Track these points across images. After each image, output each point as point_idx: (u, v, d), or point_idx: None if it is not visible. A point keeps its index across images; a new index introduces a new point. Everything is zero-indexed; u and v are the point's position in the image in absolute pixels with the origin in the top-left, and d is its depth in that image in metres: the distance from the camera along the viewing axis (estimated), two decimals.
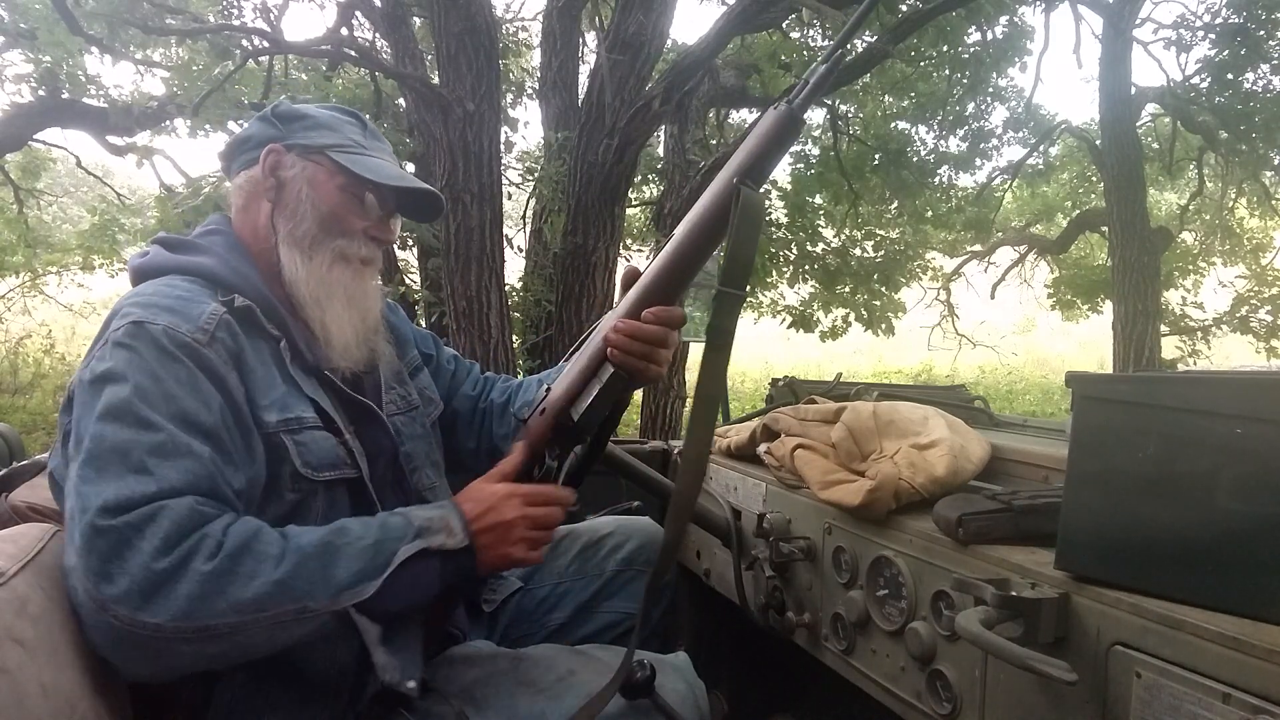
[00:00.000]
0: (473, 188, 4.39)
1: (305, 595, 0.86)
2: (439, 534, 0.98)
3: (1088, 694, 0.85)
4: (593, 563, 1.39)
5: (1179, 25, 8.63)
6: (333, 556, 0.90)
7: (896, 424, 1.31)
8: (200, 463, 0.88)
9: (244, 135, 1.15)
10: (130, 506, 0.81)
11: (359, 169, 1.11)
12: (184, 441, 0.88)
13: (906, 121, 9.14)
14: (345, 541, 0.92)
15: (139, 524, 0.81)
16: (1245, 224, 11.26)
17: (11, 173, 8.03)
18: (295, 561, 0.87)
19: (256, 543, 0.86)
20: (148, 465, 0.85)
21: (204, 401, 0.92)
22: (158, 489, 0.84)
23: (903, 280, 9.31)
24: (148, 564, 0.79)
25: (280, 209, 1.11)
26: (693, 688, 1.12)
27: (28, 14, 5.55)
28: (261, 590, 0.84)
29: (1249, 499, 0.77)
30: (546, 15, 5.71)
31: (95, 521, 0.80)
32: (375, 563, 0.92)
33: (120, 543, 0.80)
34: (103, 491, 0.82)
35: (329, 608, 0.88)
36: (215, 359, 0.95)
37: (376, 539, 0.94)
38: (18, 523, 1.00)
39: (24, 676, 0.74)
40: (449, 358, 1.42)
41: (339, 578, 0.89)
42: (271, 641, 0.87)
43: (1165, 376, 0.99)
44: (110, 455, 0.85)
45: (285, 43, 5.24)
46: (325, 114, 1.16)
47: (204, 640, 0.81)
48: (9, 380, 9.59)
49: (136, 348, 0.91)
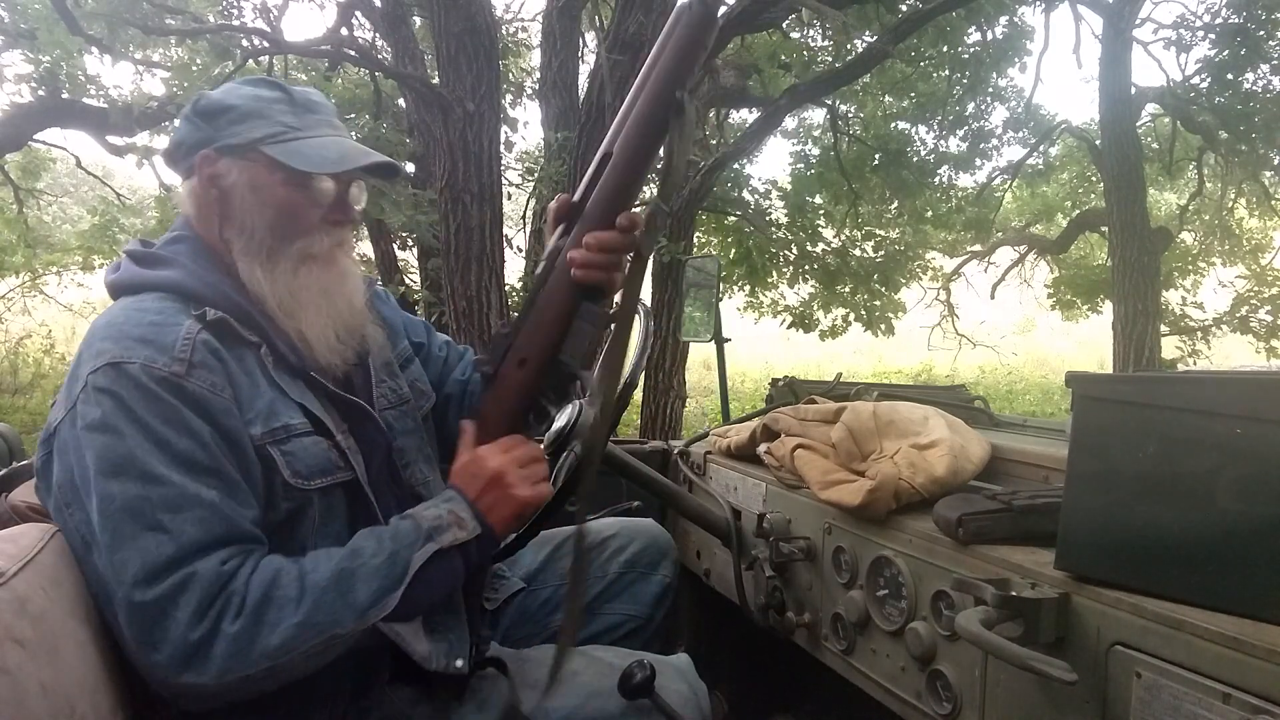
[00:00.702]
0: (473, 188, 4.39)
1: (331, 626, 0.89)
2: (449, 530, 0.98)
3: (1088, 694, 0.85)
4: (596, 564, 1.39)
5: (1179, 25, 8.64)
6: (350, 582, 0.92)
7: (896, 424, 1.31)
8: (213, 510, 0.89)
9: (175, 140, 1.08)
10: (159, 574, 0.85)
11: (298, 161, 1.03)
12: (192, 492, 0.89)
13: (906, 121, 9.14)
14: (360, 564, 0.93)
15: (172, 596, 0.85)
16: (1244, 224, 11.26)
17: (11, 173, 8.03)
18: (314, 599, 0.89)
19: (275, 590, 0.89)
20: (164, 523, 0.87)
21: (197, 440, 0.91)
22: (177, 549, 0.86)
23: (902, 280, 9.31)
24: (184, 635, 0.84)
25: (228, 222, 1.05)
26: (694, 689, 1.12)
27: (28, 14, 5.55)
28: (287, 634, 0.87)
29: (1249, 499, 0.77)
30: (546, 15, 5.71)
31: (133, 597, 0.85)
32: (392, 576, 0.93)
33: (159, 616, 0.85)
34: (129, 562, 0.85)
35: (357, 629, 0.91)
36: (199, 388, 0.92)
37: (390, 551, 0.95)
38: (18, 523, 1.00)
39: (24, 676, 0.74)
40: (440, 344, 1.38)
41: (360, 601, 0.91)
42: (310, 667, 0.91)
43: (1165, 376, 0.99)
44: (123, 516, 0.86)
45: (285, 43, 5.24)
46: (249, 99, 1.06)
47: (246, 686, 0.87)
48: (9, 380, 9.60)
49: (119, 393, 0.90)
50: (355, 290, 1.12)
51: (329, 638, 0.89)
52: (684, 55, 0.94)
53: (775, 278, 8.76)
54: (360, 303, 1.13)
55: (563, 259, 1.03)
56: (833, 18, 5.43)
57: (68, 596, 0.88)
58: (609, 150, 1.00)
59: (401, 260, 6.92)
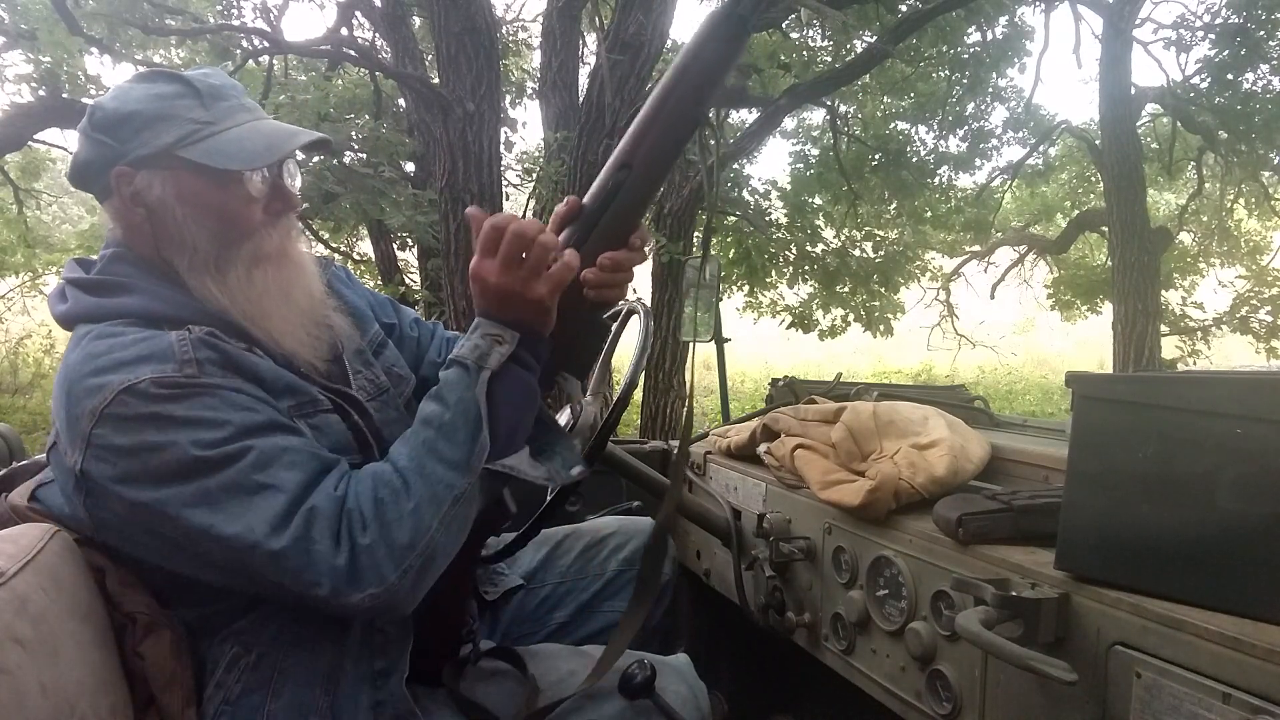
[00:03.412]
0: (473, 188, 4.39)
1: (446, 491, 0.90)
2: (493, 351, 0.95)
3: (1088, 694, 0.85)
4: (595, 563, 1.40)
5: (1179, 25, 8.64)
6: (436, 448, 0.91)
7: (896, 424, 1.31)
8: (298, 453, 0.90)
9: (81, 161, 0.99)
10: (284, 520, 0.85)
11: (222, 161, 0.95)
12: (270, 446, 0.88)
13: (906, 122, 9.14)
14: (436, 429, 0.92)
15: (305, 533, 0.85)
16: (1243, 226, 11.26)
17: (11, 173, 8.02)
18: (416, 479, 0.90)
19: (381, 490, 0.89)
20: (262, 481, 0.86)
21: (246, 408, 0.90)
22: (290, 496, 0.86)
23: (901, 281, 9.32)
24: (332, 562, 0.85)
25: (165, 241, 0.97)
26: (694, 690, 1.12)
27: (28, 15, 5.54)
28: (414, 520, 0.88)
29: (1249, 499, 0.77)
30: (546, 15, 5.71)
31: (272, 547, 0.84)
32: (469, 420, 0.92)
33: (304, 556, 0.85)
34: (252, 524, 0.84)
35: (472, 481, 0.91)
36: (216, 379, 0.89)
37: (455, 402, 0.93)
38: (18, 523, 1.00)
39: (24, 676, 0.74)
40: (410, 322, 1.34)
41: (457, 456, 0.91)
42: (459, 536, 0.93)
43: (1165, 376, 0.99)
44: (223, 496, 0.85)
45: (285, 43, 5.24)
46: (148, 100, 0.96)
47: (411, 576, 0.88)
48: (9, 380, 9.60)
49: (148, 412, 0.85)
50: (313, 279, 1.07)
51: (451, 501, 0.90)
52: (712, 71, 0.92)
53: (774, 278, 8.77)
54: (320, 291, 1.08)
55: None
56: (833, 18, 5.43)
57: (68, 596, 0.88)
58: (627, 160, 0.97)
59: (401, 260, 6.92)
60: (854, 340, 10.05)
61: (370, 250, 6.73)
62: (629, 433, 7.03)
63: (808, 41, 7.94)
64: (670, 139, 0.96)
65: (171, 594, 0.98)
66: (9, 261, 9.14)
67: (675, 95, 0.93)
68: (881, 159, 8.49)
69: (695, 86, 0.93)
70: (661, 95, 0.95)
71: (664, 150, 0.97)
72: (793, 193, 8.56)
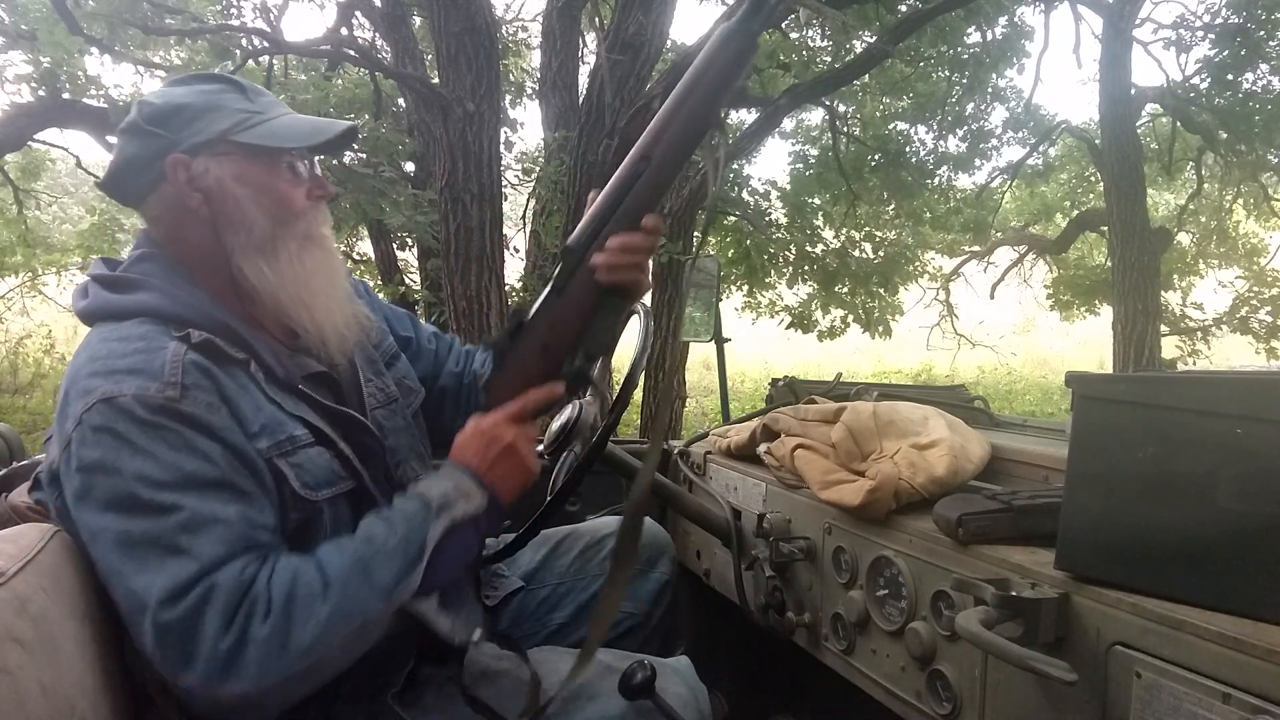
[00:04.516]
0: (473, 188, 4.39)
1: (360, 612, 0.89)
2: (458, 503, 0.98)
3: (1088, 694, 0.85)
4: (594, 563, 1.40)
5: (1179, 25, 8.64)
6: (369, 567, 0.91)
7: (896, 424, 1.31)
8: (229, 526, 0.88)
9: (126, 157, 1.02)
10: (183, 592, 0.83)
11: (275, 141, 1.01)
12: (207, 511, 0.87)
13: (905, 122, 9.14)
14: (375, 550, 0.92)
15: (197, 609, 0.83)
16: (1241, 228, 11.25)
17: (11, 173, 8.02)
18: (339, 589, 0.89)
19: (298, 588, 0.87)
20: (181, 545, 0.85)
21: (205, 458, 0.89)
22: (200, 567, 0.84)
23: (899, 282, 9.32)
24: (215, 645, 0.82)
25: (223, 223, 1.00)
26: (694, 691, 1.12)
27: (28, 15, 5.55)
28: (319, 628, 0.86)
29: (1249, 499, 0.77)
30: (546, 15, 5.72)
31: (159, 618, 0.82)
32: (409, 555, 0.93)
33: (185, 633, 0.83)
34: (152, 584, 0.83)
35: (386, 611, 0.91)
36: (197, 410, 0.90)
37: (403, 534, 0.94)
38: (18, 523, 1.00)
39: (24, 676, 0.74)
40: (429, 336, 1.36)
41: (384, 582, 0.91)
42: (347, 659, 0.91)
43: (1165, 376, 0.99)
44: (141, 546, 0.84)
45: (285, 43, 5.24)
46: (196, 95, 1.02)
47: (289, 687, 0.86)
48: (9, 380, 9.59)
49: (116, 429, 0.86)
50: (343, 270, 1.11)
51: (360, 624, 0.89)
52: (726, 77, 1.00)
53: (774, 278, 8.77)
54: (349, 288, 1.13)
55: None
56: (832, 18, 5.43)
57: (68, 596, 0.88)
58: (647, 153, 1.03)
59: (401, 260, 6.92)
60: (854, 340, 10.05)
61: (370, 250, 6.73)
62: (629, 433, 7.03)
63: (807, 41, 7.94)
64: (686, 136, 1.03)
65: None
66: (8, 262, 9.14)
67: (691, 98, 1.01)
68: (881, 159, 8.49)
69: (711, 90, 1.01)
70: (679, 97, 1.02)
71: (680, 146, 1.03)
72: (792, 193, 8.56)
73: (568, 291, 1.10)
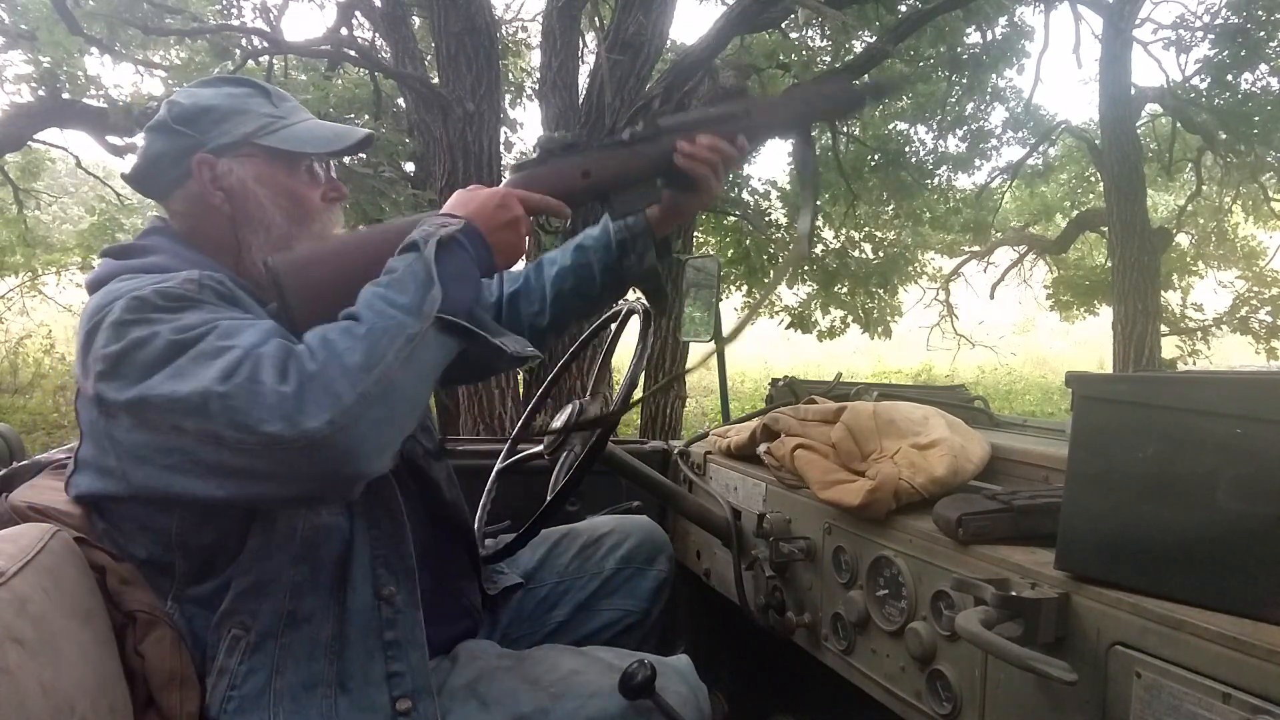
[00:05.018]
0: None
1: (398, 328, 0.89)
2: (438, 229, 0.98)
3: (1088, 694, 0.85)
4: (592, 561, 1.40)
5: (1179, 25, 8.64)
6: (387, 297, 0.92)
7: (896, 424, 1.31)
8: (261, 327, 0.90)
9: (154, 154, 1.08)
10: (234, 367, 0.84)
11: (298, 146, 1.07)
12: (241, 323, 0.90)
13: (905, 122, 9.14)
14: (383, 286, 0.93)
15: (252, 374, 0.83)
16: (1239, 230, 11.24)
17: (11, 173, 8.02)
18: (369, 318, 0.89)
19: (329, 332, 0.89)
20: (224, 345, 0.86)
21: (229, 313, 0.93)
22: (244, 349, 0.85)
23: (899, 283, 9.32)
24: (277, 391, 0.82)
25: (243, 219, 1.07)
26: (694, 691, 1.12)
27: (27, 15, 5.55)
28: (369, 344, 0.87)
29: (1249, 499, 0.77)
30: (546, 15, 5.71)
31: (218, 391, 0.82)
32: (419, 277, 0.93)
33: (248, 395, 0.82)
34: (205, 376, 0.83)
35: (426, 325, 0.91)
36: (212, 300, 0.94)
37: (404, 265, 0.95)
38: (18, 523, 1.00)
39: (24, 676, 0.74)
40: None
41: (409, 302, 0.91)
42: (415, 378, 0.90)
43: (1165, 376, 0.99)
44: (187, 366, 0.85)
45: (285, 43, 5.24)
46: (224, 97, 1.08)
47: (369, 406, 0.85)
48: (9, 380, 9.59)
49: (143, 313, 0.89)
50: None
51: (405, 339, 0.89)
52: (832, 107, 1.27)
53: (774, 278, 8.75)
54: None
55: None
56: (832, 18, 5.43)
57: (68, 596, 0.88)
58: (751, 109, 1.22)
59: None
60: (854, 340, 10.05)
61: None
62: (629, 433, 7.03)
63: (807, 41, 7.94)
64: (785, 120, 1.24)
65: (170, 570, 0.99)
66: (8, 262, 9.14)
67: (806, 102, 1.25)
68: (880, 159, 8.49)
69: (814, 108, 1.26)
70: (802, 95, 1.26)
71: (778, 122, 1.24)
72: (792, 193, 8.55)
73: (637, 149, 1.17)
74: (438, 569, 1.17)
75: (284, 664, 0.97)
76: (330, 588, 1.01)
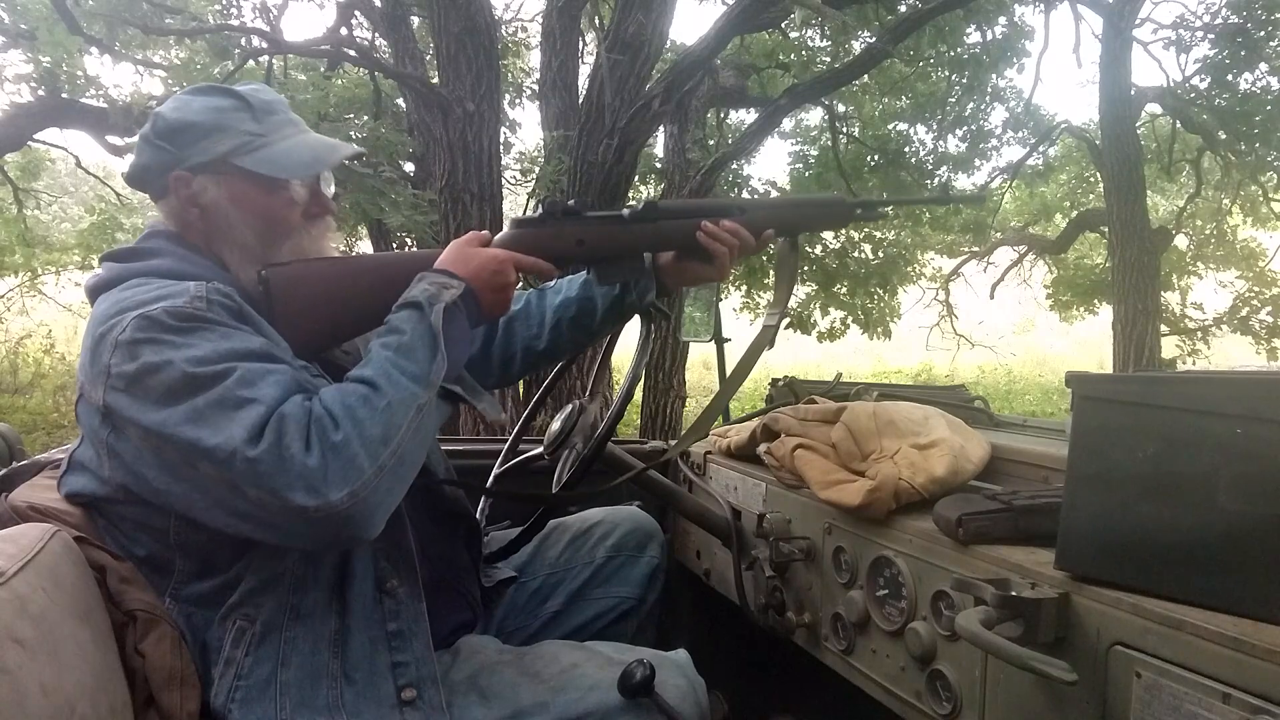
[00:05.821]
0: (473, 188, 4.39)
1: (411, 398, 0.94)
2: (441, 293, 1.02)
3: (1088, 694, 0.85)
4: (583, 551, 1.42)
5: (1179, 25, 8.63)
6: (399, 364, 0.95)
7: (896, 424, 1.31)
8: (280, 375, 0.93)
9: (140, 165, 1.10)
10: (260, 429, 0.87)
11: (271, 169, 1.07)
12: (258, 368, 0.92)
13: (905, 122, 9.14)
14: (396, 351, 0.96)
15: (278, 439, 0.86)
16: (1238, 231, 11.22)
17: (11, 172, 8.02)
18: (385, 385, 0.93)
19: (349, 397, 0.92)
20: (245, 397, 0.88)
21: (244, 338, 0.94)
22: (267, 407, 0.88)
23: (898, 283, 9.31)
24: (304, 463, 0.86)
25: (217, 238, 1.08)
26: (693, 684, 1.13)
27: (27, 14, 5.54)
28: (385, 418, 0.91)
29: (1249, 499, 0.77)
30: (546, 15, 5.71)
31: (247, 454, 0.85)
32: (427, 343, 0.98)
33: (277, 461, 0.85)
34: (232, 434, 0.86)
35: (432, 394, 0.97)
36: (221, 318, 0.95)
37: (411, 328, 0.98)
38: (18, 523, 1.00)
39: (24, 676, 0.74)
40: None
41: (419, 370, 0.96)
42: (424, 440, 0.97)
43: (1165, 376, 0.99)
44: (209, 411, 0.87)
45: (284, 43, 5.24)
46: (207, 112, 1.08)
47: (386, 478, 0.90)
48: (9, 380, 9.58)
49: (153, 335, 0.90)
50: None
51: (416, 409, 0.94)
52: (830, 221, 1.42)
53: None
54: None
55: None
56: (832, 18, 5.43)
57: (68, 596, 0.88)
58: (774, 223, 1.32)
59: None
60: (853, 340, 10.04)
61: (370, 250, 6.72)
62: (629, 433, 7.02)
63: (807, 41, 7.94)
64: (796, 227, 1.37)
65: (169, 567, 1.00)
66: (8, 262, 9.14)
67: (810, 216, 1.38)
68: (880, 159, 8.48)
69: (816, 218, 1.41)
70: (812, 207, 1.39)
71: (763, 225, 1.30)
72: (792, 193, 8.54)
73: (632, 227, 1.22)
74: (439, 561, 1.18)
75: (289, 656, 0.98)
76: (332, 582, 1.02)
